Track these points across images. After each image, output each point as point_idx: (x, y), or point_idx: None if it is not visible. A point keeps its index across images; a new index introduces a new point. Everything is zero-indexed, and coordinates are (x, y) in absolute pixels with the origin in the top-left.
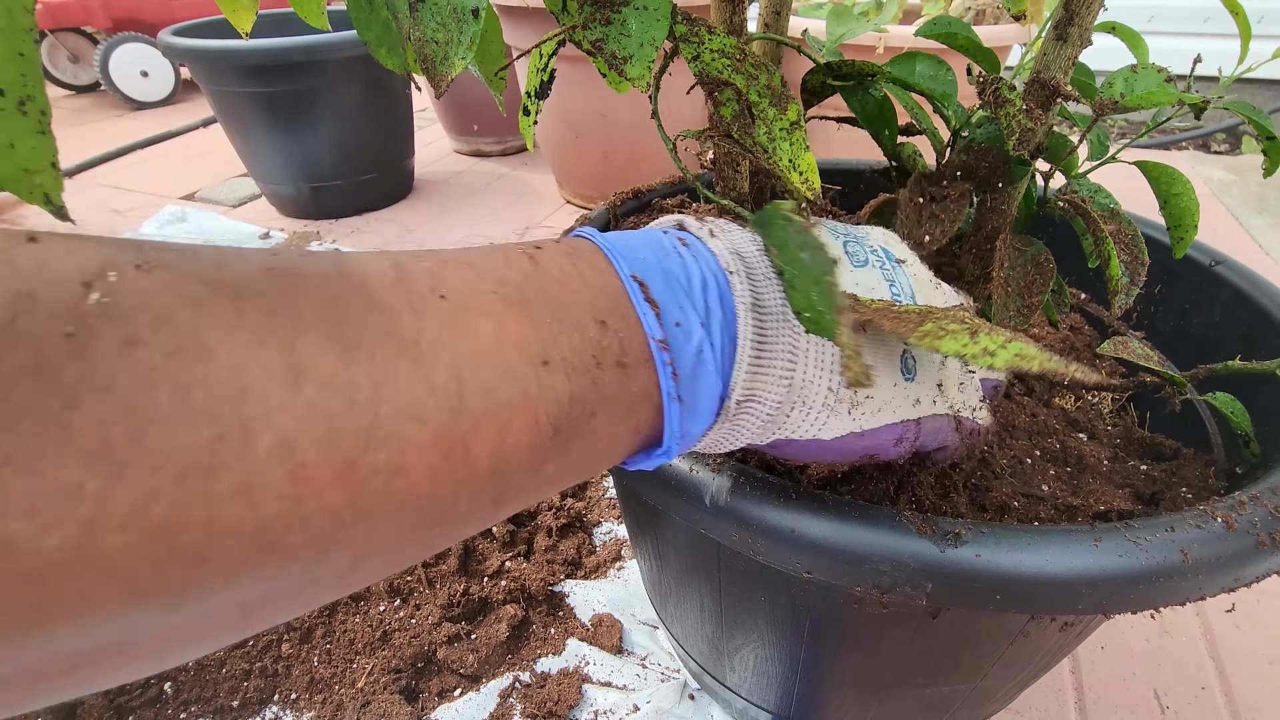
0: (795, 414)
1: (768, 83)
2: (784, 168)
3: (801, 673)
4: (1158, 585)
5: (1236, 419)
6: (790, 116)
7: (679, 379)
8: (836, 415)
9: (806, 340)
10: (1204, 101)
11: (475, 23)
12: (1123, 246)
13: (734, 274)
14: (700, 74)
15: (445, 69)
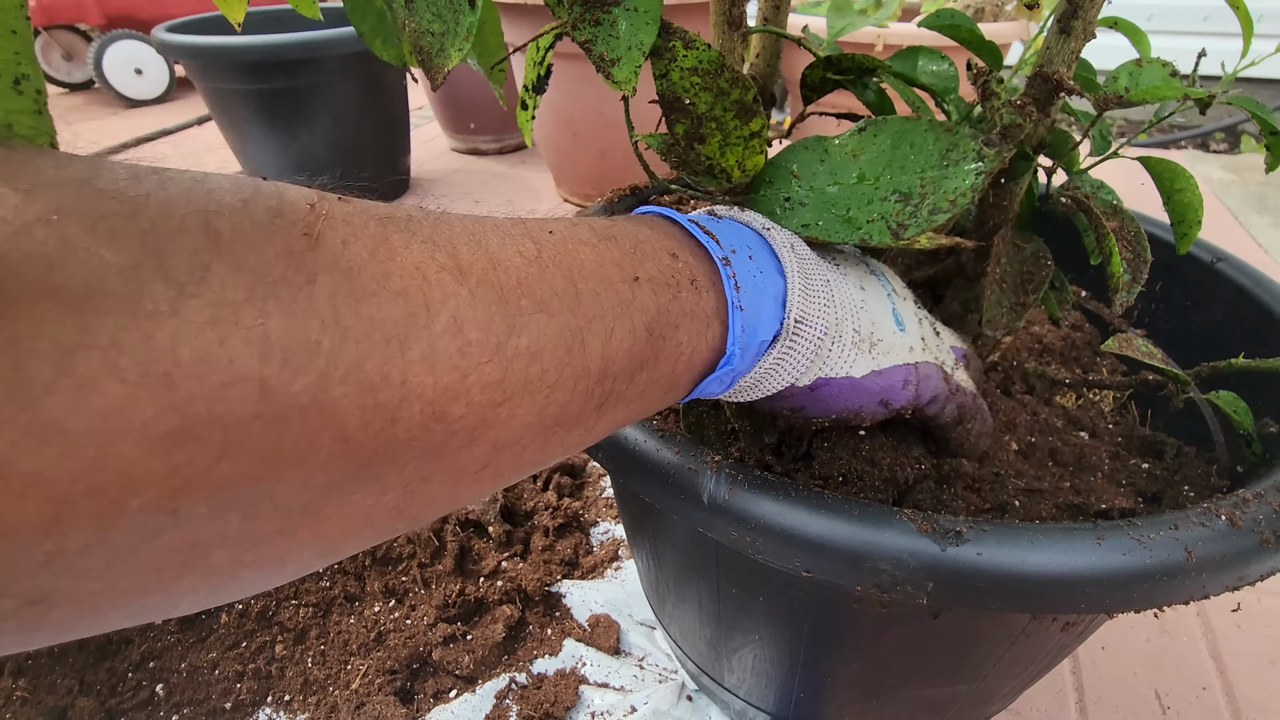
0: (834, 348)
1: (738, 98)
2: (729, 166)
3: (801, 673)
4: (1161, 584)
5: (1239, 418)
6: (752, 127)
7: (740, 290)
8: (862, 353)
9: (841, 279)
10: (1209, 96)
11: (472, 13)
12: (1125, 243)
13: (770, 229)
14: (661, 93)
15: (441, 61)
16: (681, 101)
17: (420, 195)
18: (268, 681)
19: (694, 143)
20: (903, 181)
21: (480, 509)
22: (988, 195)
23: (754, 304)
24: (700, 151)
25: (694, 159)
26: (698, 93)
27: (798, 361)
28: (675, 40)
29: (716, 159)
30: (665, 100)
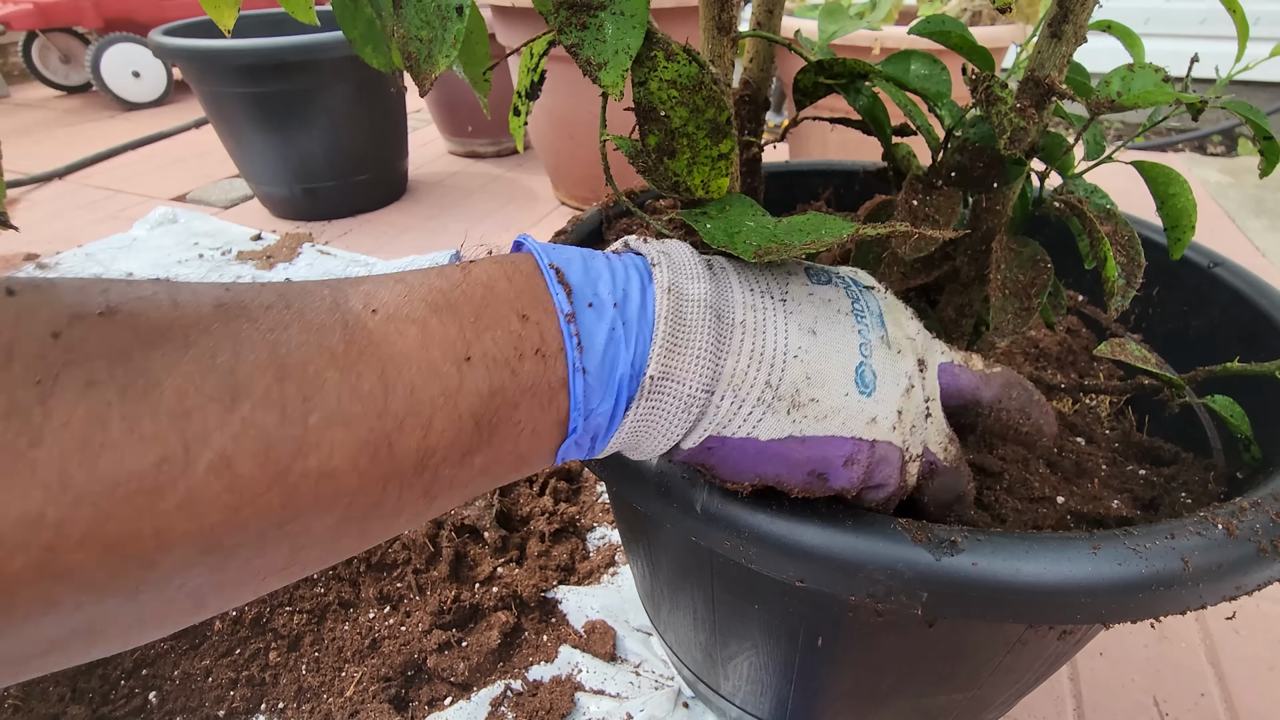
0: (725, 404)
1: (712, 118)
2: (694, 185)
3: (796, 681)
4: (1158, 594)
5: (1236, 422)
6: (722, 149)
7: (584, 351)
8: (774, 413)
9: (741, 331)
10: (1201, 101)
11: (459, 20)
12: (1119, 248)
13: (657, 265)
14: (638, 101)
15: (429, 67)
16: (657, 113)
17: (418, 199)
18: (261, 689)
19: (664, 156)
20: None
21: (476, 514)
22: (981, 200)
23: (611, 361)
24: (669, 166)
25: (661, 173)
26: (674, 106)
27: (667, 421)
28: (658, 50)
29: (683, 176)
30: (641, 109)
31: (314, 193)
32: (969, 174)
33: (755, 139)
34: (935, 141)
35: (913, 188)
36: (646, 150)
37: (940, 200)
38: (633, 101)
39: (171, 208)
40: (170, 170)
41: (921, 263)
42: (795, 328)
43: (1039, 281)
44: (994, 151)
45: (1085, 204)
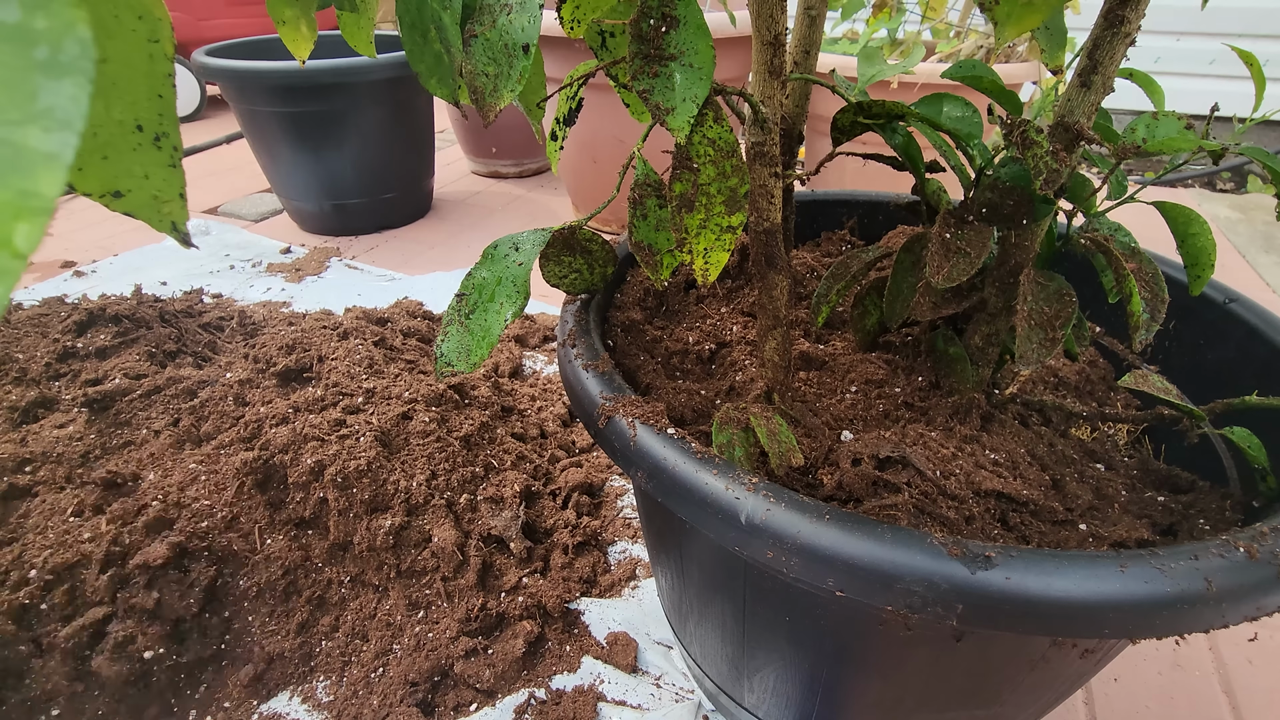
0: None
1: (733, 187)
2: (696, 251)
3: (822, 694)
4: (1182, 612)
5: (1254, 453)
6: (732, 221)
7: None
8: None
9: None
10: (1223, 149)
11: (525, 58)
12: (1143, 283)
13: None
14: (678, 149)
15: (494, 100)
16: (691, 164)
17: (442, 216)
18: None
19: (683, 207)
20: None
21: (503, 525)
22: (1009, 236)
23: None
24: (683, 219)
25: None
26: (705, 163)
27: None
28: (710, 110)
29: (690, 237)
30: (679, 155)
31: (343, 208)
32: (999, 211)
33: (791, 171)
34: (968, 179)
35: (946, 222)
36: (670, 195)
37: (972, 234)
38: (674, 147)
39: (204, 220)
40: (203, 183)
41: (952, 293)
42: None
43: (1064, 314)
44: (1024, 190)
45: (1110, 241)
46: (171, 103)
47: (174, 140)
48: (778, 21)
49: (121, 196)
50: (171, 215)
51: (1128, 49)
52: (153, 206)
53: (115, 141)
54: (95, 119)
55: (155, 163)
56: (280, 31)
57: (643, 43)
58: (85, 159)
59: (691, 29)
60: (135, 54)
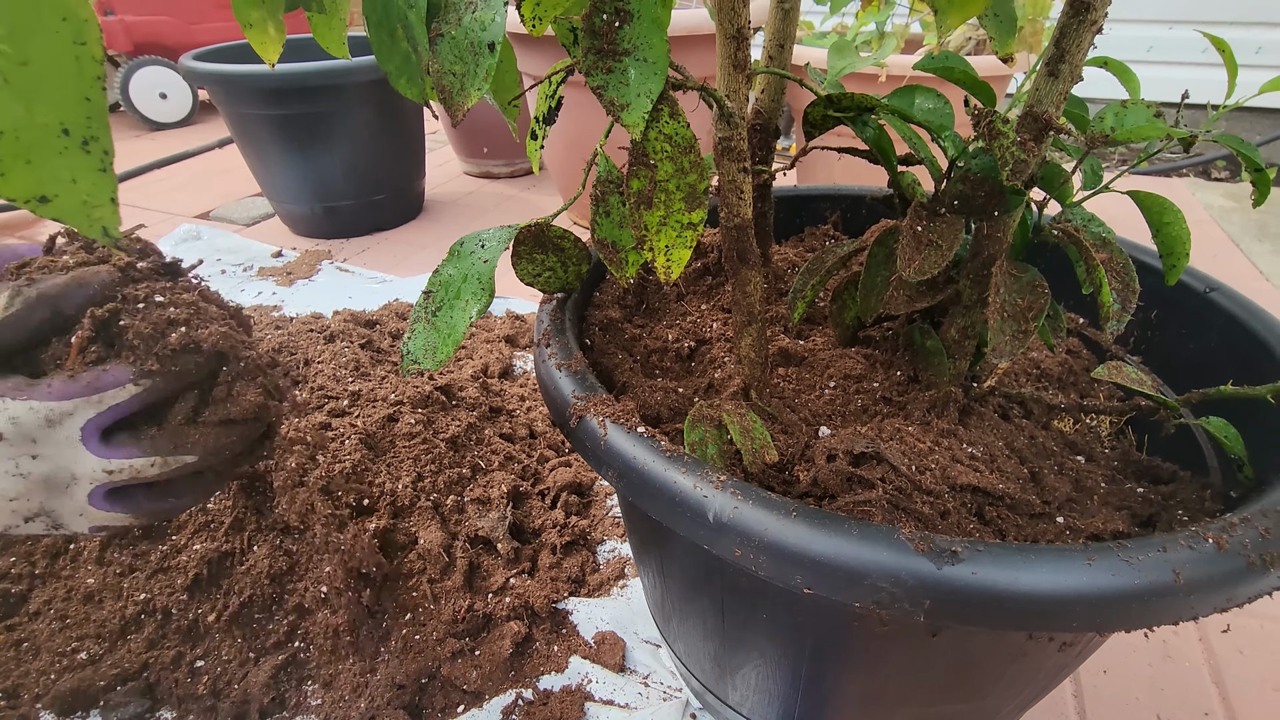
0: None
1: (692, 184)
2: (657, 248)
3: (804, 691)
4: (1151, 604)
5: (1230, 443)
6: (693, 218)
7: None
8: None
9: None
10: (1192, 136)
11: (491, 56)
12: (1114, 274)
13: None
14: (634, 144)
15: (462, 99)
16: (648, 160)
17: (434, 218)
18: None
19: (641, 204)
20: None
21: (489, 525)
22: (982, 227)
23: None
24: (641, 216)
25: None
26: (663, 159)
27: None
28: (665, 105)
29: (650, 234)
30: (635, 151)
31: (334, 211)
32: (971, 202)
33: (766, 166)
34: (939, 172)
35: (917, 215)
36: (627, 191)
37: (943, 227)
38: (629, 143)
39: (195, 225)
40: (194, 188)
41: (926, 286)
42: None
43: (1036, 306)
44: (995, 181)
45: (1082, 232)
46: (101, 106)
47: (104, 144)
48: (740, 15)
49: (48, 201)
50: (102, 220)
51: (1095, 36)
52: (82, 211)
53: (39, 145)
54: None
55: (83, 167)
56: (247, 34)
57: (595, 38)
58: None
59: (645, 23)
60: (60, 56)
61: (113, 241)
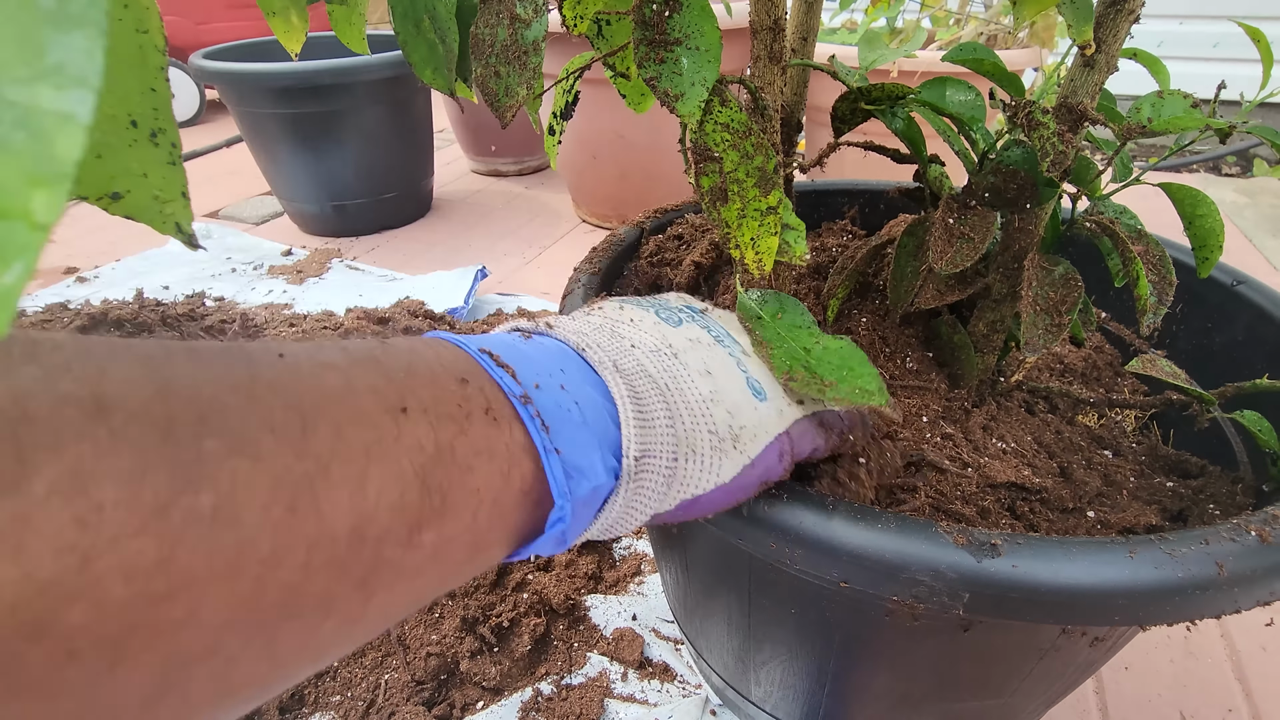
0: (690, 465)
1: (760, 164)
2: (743, 243)
3: (829, 687)
4: (1193, 597)
5: (1265, 437)
6: (770, 201)
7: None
8: (726, 455)
9: (682, 373)
10: (1230, 126)
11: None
12: (1150, 266)
13: (587, 348)
14: (695, 143)
15: (510, 100)
16: (712, 154)
17: (442, 216)
18: (300, 686)
19: (717, 201)
20: None
21: None
22: (1013, 220)
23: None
24: (721, 214)
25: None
26: (726, 149)
27: (652, 496)
28: (714, 96)
29: (733, 229)
30: (698, 150)
31: (343, 209)
32: (1003, 195)
33: (790, 160)
34: (972, 164)
35: (949, 207)
36: (703, 195)
37: (975, 219)
38: (690, 144)
39: (205, 223)
40: (203, 187)
41: (956, 279)
42: (696, 374)
43: (1070, 299)
44: (1027, 174)
45: (1116, 224)
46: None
47: (171, 136)
48: (778, 5)
49: (120, 198)
50: (175, 216)
51: (1131, 26)
52: (154, 207)
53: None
54: None
55: (153, 160)
56: (270, 23)
57: (646, 28)
58: None
59: (695, 11)
60: (123, 44)
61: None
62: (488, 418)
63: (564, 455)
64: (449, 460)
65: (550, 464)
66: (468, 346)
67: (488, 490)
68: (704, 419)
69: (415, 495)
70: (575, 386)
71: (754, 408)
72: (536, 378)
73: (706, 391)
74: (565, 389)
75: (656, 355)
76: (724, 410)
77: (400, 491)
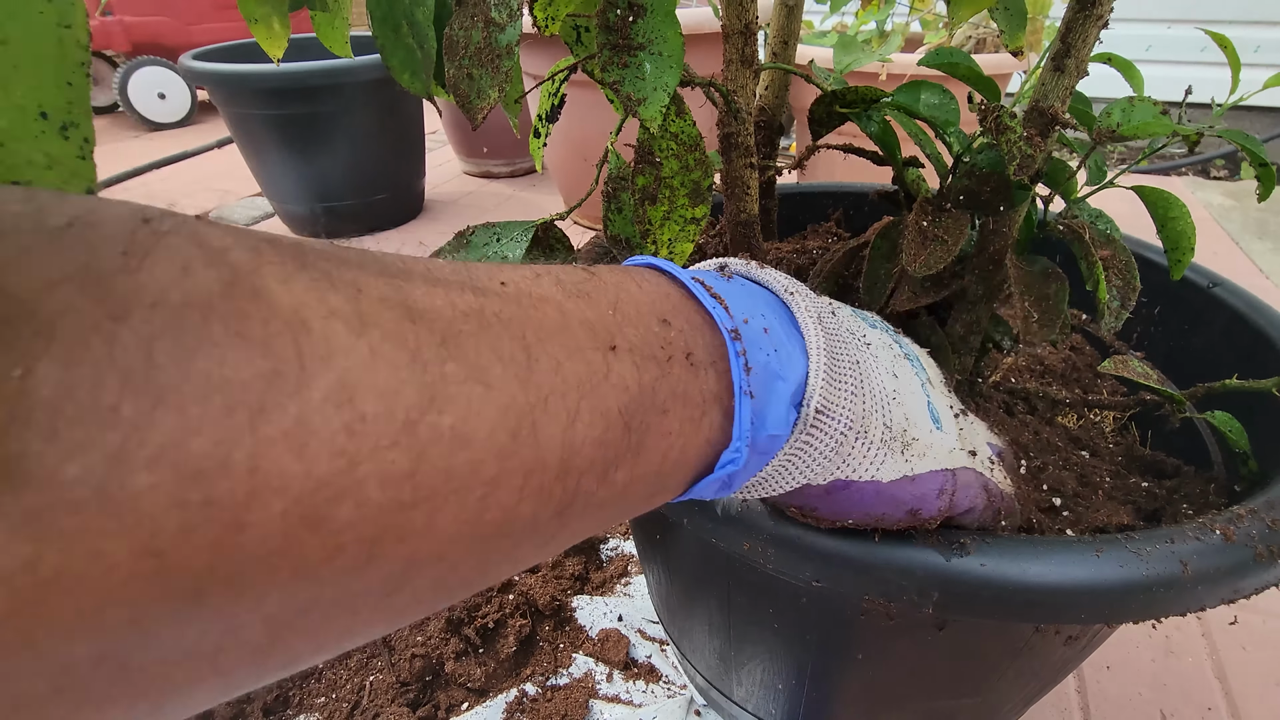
0: (858, 446)
1: (697, 179)
2: (660, 241)
3: (809, 686)
4: (1158, 596)
5: (1235, 437)
6: (696, 213)
7: (751, 371)
8: (893, 454)
9: (873, 361)
10: (1197, 134)
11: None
12: (1115, 271)
13: (794, 294)
14: (640, 141)
15: (481, 103)
16: (653, 157)
17: (434, 217)
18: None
19: (646, 200)
20: None
21: None
22: (988, 222)
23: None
24: (646, 212)
25: (638, 215)
26: (669, 156)
27: (815, 459)
28: (672, 104)
29: (654, 227)
30: (641, 149)
31: (334, 211)
32: (977, 198)
33: (771, 163)
34: (944, 168)
35: (923, 210)
36: (634, 189)
37: (949, 222)
38: (635, 141)
39: None
40: (194, 189)
41: (931, 281)
42: (884, 370)
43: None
44: (1001, 177)
45: (1085, 228)
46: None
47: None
48: (748, 10)
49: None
50: None
51: (1100, 31)
52: None
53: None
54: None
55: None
56: (253, 30)
57: (610, 33)
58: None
59: (659, 16)
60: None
61: None
62: (687, 363)
63: (755, 399)
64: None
65: (741, 406)
66: (679, 274)
67: (678, 434)
68: (882, 410)
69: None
70: (777, 333)
71: (929, 430)
72: (745, 313)
73: (890, 389)
74: (768, 333)
75: (851, 337)
76: (902, 413)
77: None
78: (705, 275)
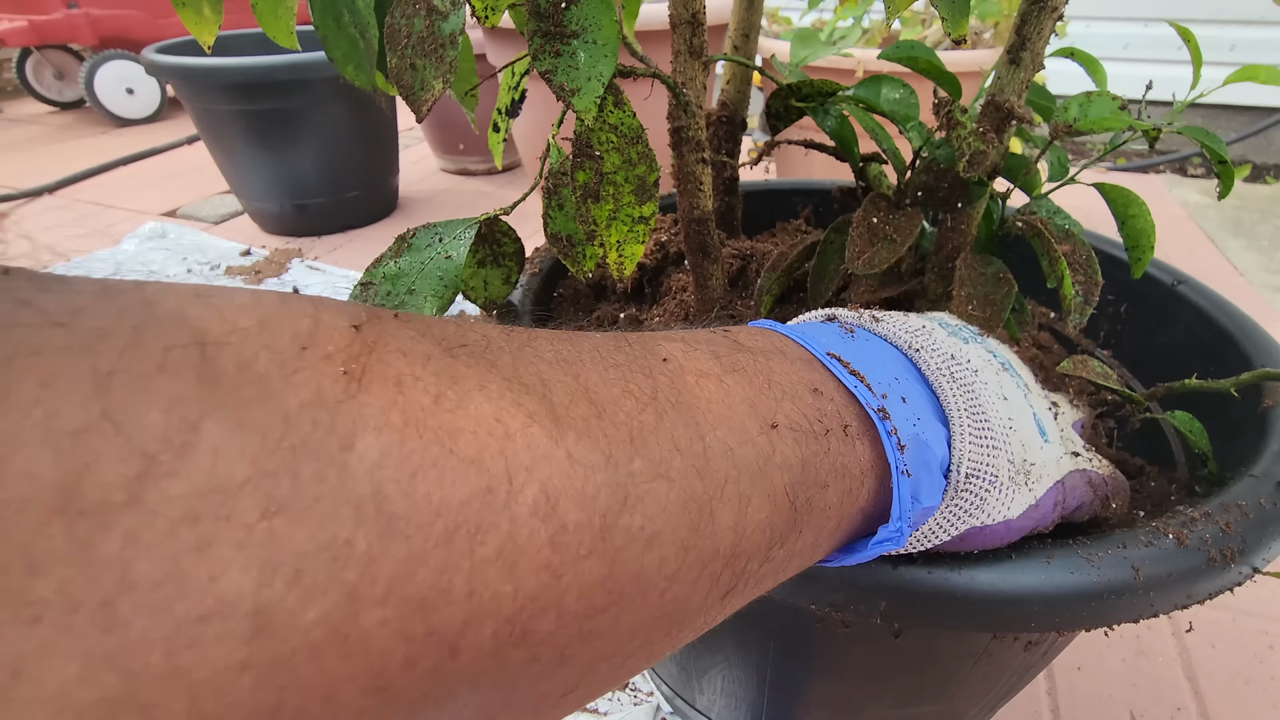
0: (992, 493)
1: (641, 174)
2: (609, 244)
3: (769, 694)
4: (1110, 602)
5: (1195, 437)
6: (644, 211)
7: (905, 449)
8: (1019, 489)
9: (984, 389)
10: (1156, 129)
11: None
12: (1077, 267)
13: (919, 351)
14: (578, 134)
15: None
16: (593, 151)
17: (408, 215)
18: None
19: (588, 197)
20: None
21: None
22: (945, 220)
23: (918, 463)
24: (590, 211)
25: (582, 214)
26: (609, 150)
27: (955, 520)
28: (610, 95)
29: (600, 229)
30: (579, 142)
31: (304, 209)
32: (934, 194)
33: (732, 160)
34: (901, 164)
35: (875, 205)
36: (573, 184)
37: (901, 220)
38: (572, 133)
39: (162, 223)
40: (161, 186)
41: (892, 276)
42: (994, 396)
43: (1002, 297)
44: (958, 172)
45: (1045, 225)
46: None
47: None
48: (694, 1)
49: None
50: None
51: (1055, 23)
52: None
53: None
54: None
55: None
56: (180, 14)
57: (542, 20)
58: None
59: (593, 3)
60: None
61: None
62: (844, 435)
63: (913, 479)
64: (811, 478)
65: (899, 486)
66: (813, 348)
67: (837, 507)
68: (1004, 446)
69: (784, 513)
70: (914, 399)
71: (1040, 446)
72: (884, 385)
73: (1005, 417)
74: (906, 401)
75: (966, 372)
76: (1019, 441)
77: (772, 509)
78: (832, 340)
